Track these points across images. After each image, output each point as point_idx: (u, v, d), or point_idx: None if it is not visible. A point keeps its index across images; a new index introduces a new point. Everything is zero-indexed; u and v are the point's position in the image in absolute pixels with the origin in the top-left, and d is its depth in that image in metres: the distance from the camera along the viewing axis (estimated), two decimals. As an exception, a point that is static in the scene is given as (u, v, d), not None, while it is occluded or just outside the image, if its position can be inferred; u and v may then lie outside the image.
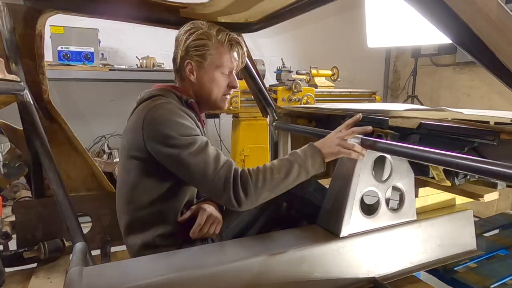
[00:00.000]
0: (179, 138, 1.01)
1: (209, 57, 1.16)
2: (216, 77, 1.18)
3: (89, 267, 0.95)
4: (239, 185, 1.00)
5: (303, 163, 1.07)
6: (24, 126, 1.36)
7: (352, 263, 1.16)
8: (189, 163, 1.01)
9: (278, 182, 1.04)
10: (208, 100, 1.22)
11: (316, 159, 1.09)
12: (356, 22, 4.37)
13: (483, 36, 0.62)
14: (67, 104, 1.90)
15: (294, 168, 1.06)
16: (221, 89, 1.21)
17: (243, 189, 1.00)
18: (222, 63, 1.17)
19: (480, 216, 2.38)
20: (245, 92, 3.02)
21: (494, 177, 0.80)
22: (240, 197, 1.00)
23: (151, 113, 1.05)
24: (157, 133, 1.02)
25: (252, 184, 1.01)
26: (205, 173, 1.00)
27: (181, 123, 1.04)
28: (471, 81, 4.24)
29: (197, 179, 1.03)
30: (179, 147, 1.01)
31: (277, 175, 1.04)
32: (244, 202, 1.01)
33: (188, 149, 1.01)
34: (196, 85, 1.20)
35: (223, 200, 1.02)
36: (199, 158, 1.01)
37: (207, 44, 1.15)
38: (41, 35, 1.33)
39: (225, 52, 1.17)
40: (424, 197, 1.41)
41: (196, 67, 1.17)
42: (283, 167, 1.05)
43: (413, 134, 1.36)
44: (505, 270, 1.39)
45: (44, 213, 1.44)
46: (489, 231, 1.82)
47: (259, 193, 1.02)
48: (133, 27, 3.43)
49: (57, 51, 2.83)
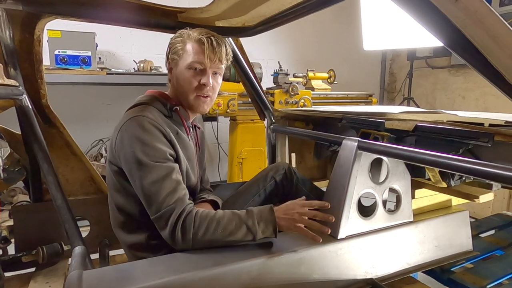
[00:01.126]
0: (143, 161, 1.02)
1: (181, 53, 1.16)
2: (186, 73, 1.16)
3: (89, 270, 0.95)
4: (179, 229, 1.00)
5: (253, 227, 1.04)
6: (22, 131, 1.36)
7: (350, 264, 1.17)
8: (143, 187, 1.02)
9: (219, 238, 1.03)
10: (184, 99, 1.20)
11: (268, 227, 1.06)
12: (352, 25, 4.41)
13: (475, 41, 0.63)
14: (64, 108, 1.89)
15: (241, 229, 1.04)
16: (190, 86, 1.16)
17: (182, 233, 1.01)
18: (191, 58, 1.14)
19: (476, 217, 2.39)
20: (242, 95, 3.04)
21: (489, 178, 0.82)
22: (176, 239, 1.01)
23: (126, 125, 1.07)
24: (125, 148, 1.04)
25: (192, 232, 1.01)
26: (153, 203, 1.02)
27: (151, 145, 1.03)
28: (466, 83, 4.27)
29: (146, 204, 1.05)
30: (138, 169, 1.02)
31: (221, 231, 1.02)
32: (179, 245, 1.02)
33: (146, 175, 1.01)
34: (174, 84, 1.21)
35: (163, 234, 1.03)
36: (153, 188, 1.01)
37: (179, 41, 1.16)
38: (40, 40, 1.34)
39: (194, 47, 1.14)
40: (421, 199, 1.42)
41: (173, 65, 1.19)
42: (230, 225, 1.03)
43: (409, 136, 1.38)
44: (501, 271, 1.40)
45: (42, 217, 1.44)
46: (485, 232, 1.83)
47: (197, 243, 1.02)
48: (130, 31, 3.43)
49: (54, 55, 2.83)
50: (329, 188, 1.24)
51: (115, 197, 1.15)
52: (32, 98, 1.40)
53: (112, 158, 1.12)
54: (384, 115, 1.57)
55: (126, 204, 1.13)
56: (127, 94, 3.40)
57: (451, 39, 0.67)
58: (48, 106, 1.47)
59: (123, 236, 1.17)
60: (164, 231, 1.02)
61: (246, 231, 1.03)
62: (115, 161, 1.10)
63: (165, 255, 1.06)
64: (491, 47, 0.63)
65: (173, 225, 1.00)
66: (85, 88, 3.32)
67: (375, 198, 1.23)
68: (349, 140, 1.22)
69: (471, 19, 0.61)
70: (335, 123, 1.78)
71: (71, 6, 1.28)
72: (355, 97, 3.81)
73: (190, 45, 1.15)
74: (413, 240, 1.31)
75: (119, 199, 1.14)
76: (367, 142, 1.17)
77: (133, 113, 1.10)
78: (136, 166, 1.02)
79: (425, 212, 1.43)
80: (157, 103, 1.17)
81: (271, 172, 1.42)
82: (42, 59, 1.39)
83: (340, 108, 2.33)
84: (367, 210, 1.27)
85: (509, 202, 2.89)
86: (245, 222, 1.04)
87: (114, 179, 1.13)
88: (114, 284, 0.90)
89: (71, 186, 1.60)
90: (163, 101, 1.19)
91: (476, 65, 0.68)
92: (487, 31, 0.61)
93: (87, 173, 1.62)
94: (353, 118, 1.70)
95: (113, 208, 1.18)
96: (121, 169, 1.09)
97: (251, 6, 1.30)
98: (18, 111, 1.32)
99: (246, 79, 1.85)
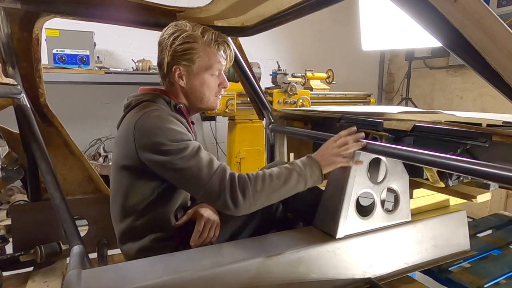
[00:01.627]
0: (170, 145, 1.00)
1: (197, 60, 1.14)
2: (206, 79, 1.17)
3: (87, 270, 0.95)
4: (237, 187, 0.99)
5: (302, 172, 1.07)
6: (20, 130, 1.36)
7: (348, 264, 1.17)
8: (182, 168, 1.00)
9: (276, 188, 1.03)
10: (201, 103, 1.21)
11: (314, 170, 1.09)
12: (351, 25, 4.41)
13: (474, 41, 0.64)
14: (62, 107, 1.89)
15: (293, 176, 1.05)
16: (212, 91, 1.20)
17: (241, 191, 0.99)
18: (211, 65, 1.15)
19: (474, 217, 2.40)
20: (241, 95, 3.04)
21: (487, 178, 0.82)
22: (238, 200, 0.98)
23: (141, 121, 1.04)
24: (148, 141, 1.01)
25: (251, 187, 1.00)
26: (199, 177, 0.99)
27: (172, 129, 1.03)
28: (464, 83, 4.29)
29: (191, 184, 1.02)
30: (171, 154, 1.00)
31: (276, 181, 1.03)
32: (241, 205, 0.99)
33: (180, 155, 1.00)
34: (187, 89, 1.19)
35: (219, 203, 1.00)
36: (192, 162, 1.00)
37: (194, 47, 1.13)
38: (38, 38, 1.34)
39: (213, 53, 1.15)
40: (419, 198, 1.42)
41: (185, 72, 1.16)
42: (282, 174, 1.05)
43: (408, 136, 1.38)
44: (499, 270, 1.41)
45: (40, 216, 1.43)
46: (483, 232, 1.84)
47: (257, 197, 1.01)
48: (128, 30, 3.43)
49: (52, 54, 2.82)
50: (328, 188, 1.25)
51: (122, 202, 1.12)
52: (31, 97, 1.40)
53: (126, 159, 1.07)
54: (382, 115, 1.57)
55: (134, 207, 1.11)
56: (125, 94, 3.35)
57: (450, 39, 0.68)
58: (47, 105, 1.47)
59: (128, 247, 1.15)
60: (219, 199, 0.99)
61: (298, 177, 1.06)
62: (130, 161, 1.06)
63: (164, 255, 1.06)
64: (489, 47, 0.63)
65: (230, 188, 0.98)
66: (83, 87, 3.31)
67: (374, 197, 1.24)
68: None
69: (470, 19, 0.61)
70: (333, 123, 1.78)
71: (70, 5, 1.28)
72: (353, 97, 3.82)
73: (207, 50, 1.14)
74: (411, 239, 1.32)
75: (126, 204, 1.12)
76: (365, 142, 1.17)
77: (142, 110, 1.07)
78: (167, 152, 0.99)
79: (423, 212, 1.44)
80: (160, 101, 1.16)
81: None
82: (40, 58, 1.39)
83: (339, 108, 2.33)
84: (366, 209, 1.27)
85: (506, 202, 2.91)
86: (294, 169, 1.07)
87: (123, 182, 1.11)
88: (113, 284, 0.90)
89: (69, 186, 1.60)
90: (166, 98, 1.17)
91: (474, 65, 0.69)
92: (486, 32, 0.62)
93: (86, 172, 1.62)
94: (351, 118, 1.70)
95: (119, 214, 1.15)
96: (142, 169, 1.06)
97: (250, 6, 1.30)
98: (16, 110, 1.32)
99: (245, 79, 1.85)
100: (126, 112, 1.17)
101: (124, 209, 1.13)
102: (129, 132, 1.05)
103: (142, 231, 1.13)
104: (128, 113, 1.14)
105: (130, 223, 1.13)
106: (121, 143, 1.10)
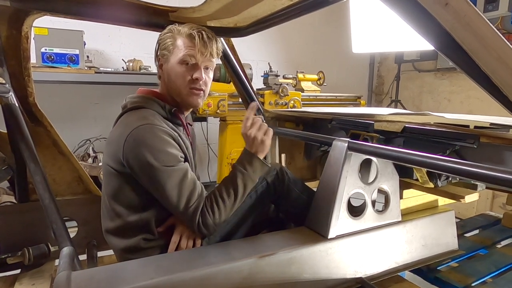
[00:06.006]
0: (159, 169, 1.02)
1: (171, 48, 1.15)
2: (178, 68, 1.15)
3: (77, 271, 0.94)
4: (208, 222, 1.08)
5: (245, 173, 1.13)
6: (8, 129, 1.33)
7: (339, 263, 1.18)
8: (164, 190, 1.04)
9: (233, 203, 1.12)
10: (177, 95, 1.19)
11: (254, 164, 1.14)
12: (341, 28, 4.45)
13: (464, 44, 0.65)
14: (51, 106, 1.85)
15: (239, 183, 1.12)
16: (184, 81, 1.16)
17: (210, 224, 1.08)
18: (183, 52, 1.14)
19: (461, 217, 2.45)
20: (232, 96, 3.03)
21: (474, 178, 0.84)
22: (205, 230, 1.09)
23: (134, 134, 1.03)
24: (138, 157, 1.03)
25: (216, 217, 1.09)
26: (176, 205, 1.06)
27: (163, 151, 1.04)
28: (452, 86, 4.37)
29: (168, 205, 1.08)
30: (158, 177, 1.03)
31: (229, 198, 1.11)
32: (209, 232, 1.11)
33: (167, 180, 1.04)
34: (166, 80, 1.19)
35: (192, 229, 1.11)
36: (175, 190, 1.04)
37: (169, 37, 1.16)
38: (27, 36, 1.31)
39: (185, 42, 1.14)
40: (409, 199, 1.45)
41: (164, 61, 1.19)
42: (230, 189, 1.12)
43: (398, 138, 1.40)
44: (485, 269, 1.44)
45: (28, 218, 1.41)
46: (470, 232, 1.88)
47: (221, 220, 1.10)
48: (119, 29, 3.39)
49: (41, 53, 2.77)
50: (320, 189, 1.26)
51: (111, 202, 1.13)
52: (19, 96, 1.37)
53: (115, 163, 1.08)
54: (373, 117, 1.59)
55: (122, 208, 1.11)
56: (115, 94, 3.36)
57: (441, 42, 0.69)
58: (35, 104, 1.45)
59: (116, 241, 1.15)
60: (191, 227, 1.09)
61: (243, 181, 1.13)
62: (118, 166, 1.08)
63: (155, 256, 1.06)
64: (479, 50, 0.65)
65: (202, 223, 1.07)
66: (73, 87, 3.26)
67: (365, 198, 1.25)
68: (339, 141, 1.23)
69: (460, 22, 0.63)
70: (325, 124, 1.80)
71: (60, 2, 1.25)
72: (344, 99, 3.85)
73: (181, 39, 1.14)
74: (401, 239, 1.34)
75: (115, 204, 1.12)
76: (357, 143, 1.19)
77: (137, 120, 1.07)
78: (153, 173, 1.03)
79: (413, 212, 1.46)
80: (155, 105, 1.16)
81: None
82: (29, 56, 1.36)
83: (330, 109, 2.35)
84: (357, 210, 1.29)
85: (492, 202, 2.97)
86: (235, 175, 1.13)
87: (112, 183, 1.11)
88: (103, 285, 0.89)
89: (58, 186, 1.57)
90: (160, 103, 1.17)
91: (465, 67, 0.70)
92: (475, 35, 0.63)
93: (75, 173, 1.60)
94: (342, 120, 1.72)
95: (108, 213, 1.15)
96: (121, 173, 1.08)
97: (243, 7, 1.30)
98: (4, 109, 1.29)
99: (238, 80, 1.85)
100: (119, 114, 1.16)
101: (114, 209, 1.13)
102: (120, 140, 1.05)
103: (130, 231, 1.13)
104: (123, 116, 1.14)
105: (119, 223, 1.13)
106: (113, 146, 1.09)
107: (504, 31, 3.61)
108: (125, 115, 1.13)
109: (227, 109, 3.06)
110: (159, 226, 1.15)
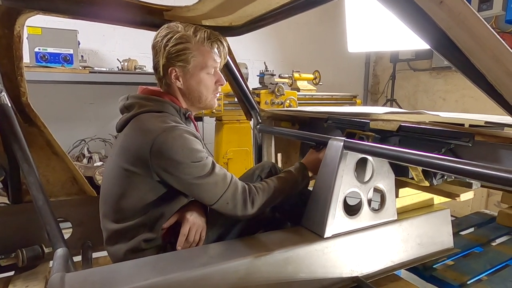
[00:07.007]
0: (190, 165, 1.04)
1: (192, 60, 1.14)
2: (202, 78, 1.18)
3: (72, 273, 0.93)
4: (247, 200, 1.12)
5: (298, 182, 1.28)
6: (1, 130, 1.31)
7: (336, 263, 1.18)
8: (200, 184, 1.07)
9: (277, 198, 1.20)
10: (199, 102, 1.22)
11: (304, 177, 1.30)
12: (337, 27, 4.46)
13: (459, 42, 0.65)
14: (45, 107, 1.83)
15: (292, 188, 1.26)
16: (210, 89, 1.21)
17: (251, 203, 1.13)
18: (206, 63, 1.16)
19: (456, 215, 2.46)
20: (228, 95, 3.03)
21: (469, 176, 0.84)
22: (247, 210, 1.12)
23: (163, 138, 1.02)
24: (169, 160, 1.03)
25: (259, 199, 1.15)
26: (214, 191, 1.08)
27: (193, 149, 1.05)
28: (447, 85, 4.39)
29: (206, 197, 1.09)
30: (190, 174, 1.05)
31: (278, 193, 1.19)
32: (249, 214, 1.13)
33: (199, 173, 1.06)
34: (184, 90, 1.19)
35: (231, 213, 1.12)
36: (209, 179, 1.07)
37: (187, 47, 1.13)
38: (20, 36, 1.29)
39: (207, 51, 1.15)
40: (404, 197, 1.45)
41: (181, 73, 1.16)
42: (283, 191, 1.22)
43: (393, 136, 1.41)
44: (481, 267, 1.45)
45: (22, 219, 1.39)
46: (465, 230, 1.88)
47: (262, 207, 1.16)
48: (113, 28, 3.37)
49: (34, 52, 2.75)
50: (316, 188, 1.25)
51: (119, 203, 1.10)
52: (12, 96, 1.36)
53: (134, 167, 1.06)
54: (368, 116, 1.60)
55: (131, 208, 1.10)
56: (110, 94, 3.34)
57: (436, 40, 0.69)
58: (29, 105, 1.43)
59: (116, 242, 1.13)
60: (232, 210, 1.11)
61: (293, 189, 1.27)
62: (138, 169, 1.06)
63: (151, 256, 1.05)
64: (474, 48, 0.65)
65: (242, 200, 1.11)
66: (67, 87, 3.24)
67: (361, 197, 1.25)
68: (335, 140, 1.23)
69: (455, 20, 0.63)
70: (320, 123, 1.80)
71: (53, 1, 1.24)
72: (339, 98, 3.86)
73: (201, 49, 1.15)
74: (397, 238, 1.34)
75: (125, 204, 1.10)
76: (353, 142, 1.19)
77: (160, 123, 1.07)
78: (187, 172, 1.04)
79: (409, 210, 1.46)
80: (171, 109, 1.16)
81: (257, 171, 1.42)
82: (22, 55, 1.35)
83: (326, 108, 2.35)
84: (353, 209, 1.29)
85: (487, 200, 2.99)
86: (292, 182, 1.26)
87: (124, 185, 1.09)
88: (97, 286, 0.88)
89: (52, 187, 1.56)
90: (176, 107, 1.18)
91: (460, 66, 0.70)
92: (470, 33, 0.63)
93: (69, 173, 1.59)
94: (338, 119, 1.72)
95: (114, 214, 1.12)
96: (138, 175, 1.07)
97: (238, 6, 1.30)
98: (-3, 109, 1.28)
99: (233, 79, 1.85)
100: (130, 115, 1.14)
101: (120, 210, 1.11)
102: (144, 145, 1.03)
103: (133, 232, 1.11)
104: (136, 118, 1.11)
105: (124, 224, 1.11)
106: (131, 149, 1.07)
107: (498, 30, 3.63)
108: (140, 118, 1.11)
109: (223, 108, 3.06)
110: (160, 225, 1.14)
